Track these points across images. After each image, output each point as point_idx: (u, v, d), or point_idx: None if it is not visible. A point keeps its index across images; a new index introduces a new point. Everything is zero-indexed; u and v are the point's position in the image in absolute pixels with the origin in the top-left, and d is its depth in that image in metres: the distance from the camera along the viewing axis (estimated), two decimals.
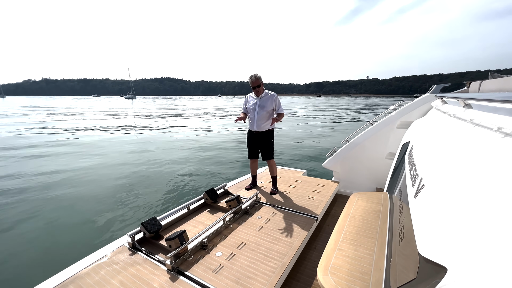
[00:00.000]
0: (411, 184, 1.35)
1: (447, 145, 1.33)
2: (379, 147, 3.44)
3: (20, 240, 3.51)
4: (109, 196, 4.96)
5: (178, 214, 2.59)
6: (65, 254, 3.20)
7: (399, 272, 1.11)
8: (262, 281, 1.74)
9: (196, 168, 6.91)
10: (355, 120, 20.65)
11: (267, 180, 3.72)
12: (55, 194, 5.06)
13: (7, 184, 5.63)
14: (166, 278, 1.76)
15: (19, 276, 2.82)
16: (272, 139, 3.27)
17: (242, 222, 2.55)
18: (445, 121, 1.79)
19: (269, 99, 3.14)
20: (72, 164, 7.19)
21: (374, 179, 3.53)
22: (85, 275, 1.77)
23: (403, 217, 1.32)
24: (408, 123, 3.09)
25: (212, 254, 2.04)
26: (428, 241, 0.80)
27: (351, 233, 1.80)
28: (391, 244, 1.46)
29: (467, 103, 1.53)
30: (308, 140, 11.40)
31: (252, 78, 3.05)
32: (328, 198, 3.16)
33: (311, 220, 2.59)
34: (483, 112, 1.27)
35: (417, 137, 2.08)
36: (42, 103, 59.74)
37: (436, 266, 0.67)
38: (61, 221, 4.03)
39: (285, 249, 2.10)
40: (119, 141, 10.91)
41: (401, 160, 2.32)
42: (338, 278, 1.39)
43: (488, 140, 1.01)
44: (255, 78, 3.04)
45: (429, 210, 0.93)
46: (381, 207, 2.13)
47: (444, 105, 2.21)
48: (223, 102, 72.94)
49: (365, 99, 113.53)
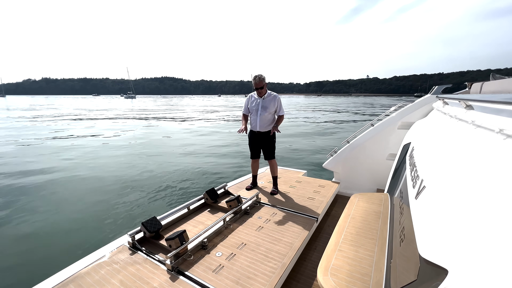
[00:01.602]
0: (412, 185, 1.35)
1: (449, 147, 1.33)
2: (380, 148, 3.43)
3: (21, 239, 3.51)
4: (109, 196, 4.97)
5: (178, 214, 2.59)
6: (65, 254, 3.21)
7: (399, 273, 1.10)
8: (262, 282, 1.74)
9: (196, 168, 6.92)
10: (355, 121, 20.64)
11: (268, 180, 3.71)
12: (55, 193, 5.07)
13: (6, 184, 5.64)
14: (166, 277, 1.76)
15: (20, 276, 2.83)
16: (274, 139, 3.28)
17: (242, 222, 2.55)
18: (446, 123, 1.78)
19: (271, 100, 3.15)
20: (72, 163, 7.19)
21: (375, 180, 3.53)
22: (86, 274, 1.77)
23: (404, 218, 1.32)
24: (409, 124, 3.08)
25: (212, 254, 2.04)
26: (429, 242, 0.80)
27: (352, 234, 1.79)
28: (392, 245, 1.46)
29: (469, 104, 1.52)
30: (308, 140, 11.40)
31: (256, 79, 3.05)
32: (329, 198, 3.16)
33: (312, 221, 2.59)
34: (485, 113, 1.27)
35: (418, 138, 2.08)
36: (43, 102, 59.68)
37: (437, 268, 0.67)
38: (61, 221, 4.03)
39: (285, 250, 2.10)
40: (119, 141, 10.91)
41: (402, 161, 2.32)
42: (338, 279, 1.38)
43: (489, 141, 1.00)
44: (259, 80, 3.04)
45: (430, 212, 0.93)
46: (382, 208, 2.12)
47: (446, 106, 2.20)
48: (223, 101, 72.87)
49: (364, 98, 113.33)
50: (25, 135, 12.32)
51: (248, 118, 3.31)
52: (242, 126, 3.16)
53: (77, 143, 10.34)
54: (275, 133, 3.23)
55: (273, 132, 3.16)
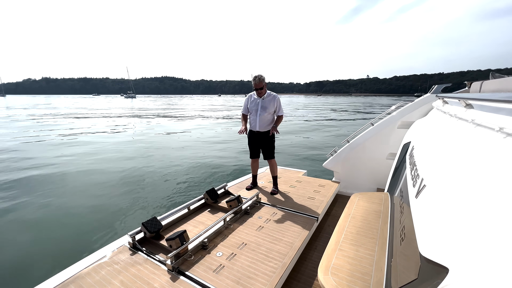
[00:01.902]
0: (412, 184, 1.35)
1: (449, 145, 1.33)
2: (380, 147, 3.44)
3: (21, 237, 3.52)
4: (109, 195, 4.97)
5: (179, 214, 2.60)
6: (66, 254, 3.21)
7: (400, 272, 1.11)
8: (263, 281, 1.74)
9: (196, 168, 6.92)
10: (355, 119, 20.63)
11: (268, 180, 3.72)
12: (55, 191, 5.07)
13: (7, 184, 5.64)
14: (166, 278, 1.76)
15: (19, 276, 2.83)
16: (274, 138, 3.30)
17: (242, 222, 2.55)
18: (446, 121, 1.78)
19: (271, 100, 3.17)
20: (72, 163, 7.19)
21: (375, 180, 3.53)
22: (86, 275, 1.77)
23: (404, 217, 1.32)
24: (409, 124, 3.09)
25: (213, 254, 2.04)
26: (430, 241, 0.81)
27: (352, 234, 1.79)
28: (392, 244, 1.46)
29: (468, 103, 1.53)
30: (309, 140, 11.40)
31: (256, 80, 3.06)
32: (329, 198, 3.16)
33: (312, 221, 2.59)
34: (485, 112, 1.27)
35: (418, 137, 2.08)
36: (43, 102, 59.68)
37: (437, 267, 0.67)
38: (61, 220, 4.03)
39: (285, 250, 2.10)
40: (119, 140, 10.92)
41: (402, 160, 2.32)
42: (339, 278, 1.39)
43: (489, 140, 1.01)
44: (259, 80, 3.05)
45: (430, 210, 0.93)
46: (382, 207, 2.12)
47: (445, 105, 2.21)
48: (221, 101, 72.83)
49: (364, 98, 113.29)
50: (27, 133, 12.32)
51: (248, 118, 3.32)
52: (242, 127, 3.19)
53: (77, 140, 10.35)
54: (274, 133, 3.24)
55: (272, 133, 3.17)
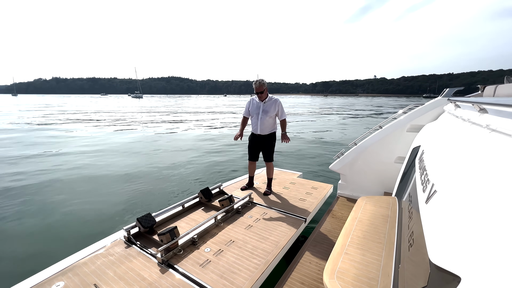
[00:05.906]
0: (422, 189, 1.32)
1: (461, 150, 1.29)
2: (388, 150, 3.38)
3: (21, 234, 3.71)
4: (109, 194, 5.16)
5: (173, 211, 2.73)
6: (65, 245, 3.37)
7: (408, 279, 1.09)
8: (245, 276, 1.86)
9: (196, 168, 7.08)
10: (361, 120, 20.51)
11: (263, 181, 3.81)
12: (55, 190, 5.29)
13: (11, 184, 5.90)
14: (156, 270, 1.90)
15: (24, 267, 3.01)
16: (274, 141, 3.39)
17: (233, 221, 2.66)
18: (459, 126, 1.73)
19: (272, 104, 3.25)
20: (72, 162, 7.45)
21: (382, 183, 3.47)
22: (83, 265, 1.92)
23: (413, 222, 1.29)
24: (419, 127, 3.04)
25: (201, 249, 2.16)
26: (441, 248, 0.78)
27: (359, 237, 1.76)
28: (400, 250, 1.44)
29: (483, 108, 1.49)
30: (311, 141, 11.44)
31: (256, 84, 3.17)
32: (320, 200, 3.22)
33: (300, 221, 2.68)
34: (500, 117, 1.24)
35: (429, 141, 2.03)
36: (56, 102, 61.15)
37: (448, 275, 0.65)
38: (60, 216, 4.22)
39: (270, 248, 2.20)
40: (121, 139, 11.19)
41: (411, 164, 2.28)
42: (345, 282, 1.36)
43: (505, 146, 0.97)
44: (259, 84, 3.15)
45: (441, 217, 0.91)
46: (390, 211, 2.08)
47: (457, 109, 2.14)
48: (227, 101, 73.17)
49: (371, 98, 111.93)
50: (33, 132, 12.74)
51: (249, 121, 3.45)
52: (238, 132, 3.31)
53: (78, 136, 10.66)
54: (275, 136, 3.35)
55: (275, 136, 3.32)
